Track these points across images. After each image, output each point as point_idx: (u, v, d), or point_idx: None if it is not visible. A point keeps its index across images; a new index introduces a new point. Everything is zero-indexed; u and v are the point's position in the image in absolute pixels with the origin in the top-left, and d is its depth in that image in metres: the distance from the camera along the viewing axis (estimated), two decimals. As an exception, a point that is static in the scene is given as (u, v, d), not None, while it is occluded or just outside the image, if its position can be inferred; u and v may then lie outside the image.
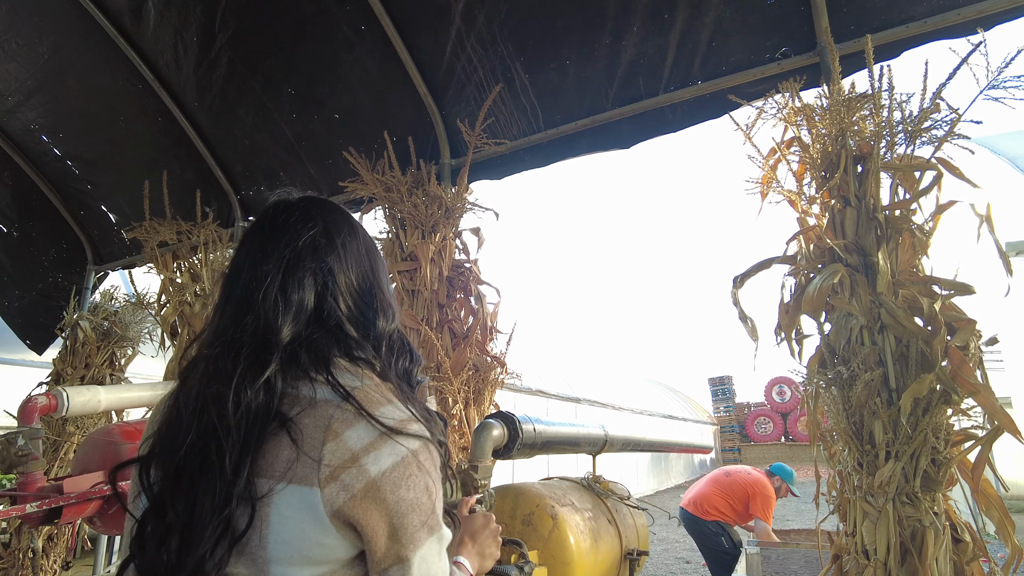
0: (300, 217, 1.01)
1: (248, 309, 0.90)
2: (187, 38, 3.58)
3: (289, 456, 0.80)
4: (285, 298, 0.91)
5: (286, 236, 0.98)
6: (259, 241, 0.99)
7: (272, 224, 1.01)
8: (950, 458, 2.04)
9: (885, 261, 2.19)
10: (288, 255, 0.95)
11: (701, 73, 2.81)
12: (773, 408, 25.92)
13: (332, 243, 1.00)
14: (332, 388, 0.86)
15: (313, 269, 0.96)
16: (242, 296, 0.92)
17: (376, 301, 1.02)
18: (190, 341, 1.06)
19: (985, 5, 2.34)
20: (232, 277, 0.97)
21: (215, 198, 4.24)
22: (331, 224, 1.03)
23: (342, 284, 0.98)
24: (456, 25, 3.07)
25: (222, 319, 0.93)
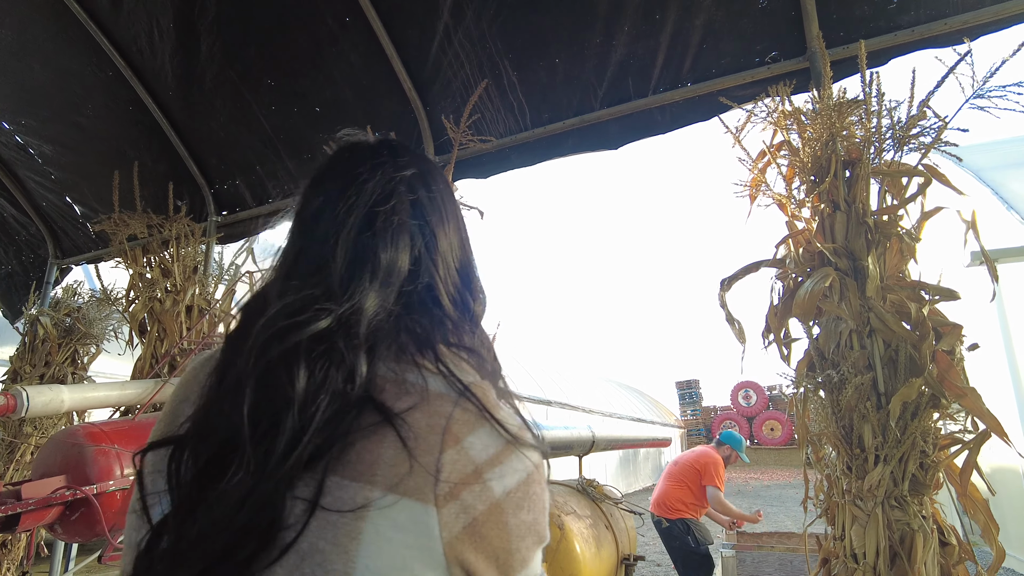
0: (390, 157, 0.81)
1: (325, 268, 0.71)
2: (163, 24, 3.46)
3: (395, 460, 0.61)
4: (375, 255, 0.72)
5: (374, 179, 0.77)
6: (340, 183, 0.78)
7: (354, 163, 0.80)
8: (938, 462, 2.05)
9: (874, 266, 2.21)
10: (378, 202, 0.75)
11: (691, 75, 2.81)
12: (739, 412, 26.36)
13: (432, 195, 0.81)
14: (445, 380, 0.67)
15: (408, 225, 0.76)
16: (317, 251, 0.73)
17: (473, 278, 0.83)
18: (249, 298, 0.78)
19: (970, 16, 2.38)
20: (303, 227, 0.78)
21: (188, 191, 4.10)
22: (426, 172, 0.83)
23: (444, 248, 0.79)
24: (444, 20, 3.02)
25: (288, 279, 0.72)
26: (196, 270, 3.81)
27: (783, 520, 11.86)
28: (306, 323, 0.65)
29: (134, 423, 2.47)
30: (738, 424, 25.99)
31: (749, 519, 5.19)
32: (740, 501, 14.72)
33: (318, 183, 0.82)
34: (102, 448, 2.18)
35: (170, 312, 3.55)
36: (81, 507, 2.09)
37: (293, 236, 0.80)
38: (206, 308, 3.72)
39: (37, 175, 4.65)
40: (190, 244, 3.83)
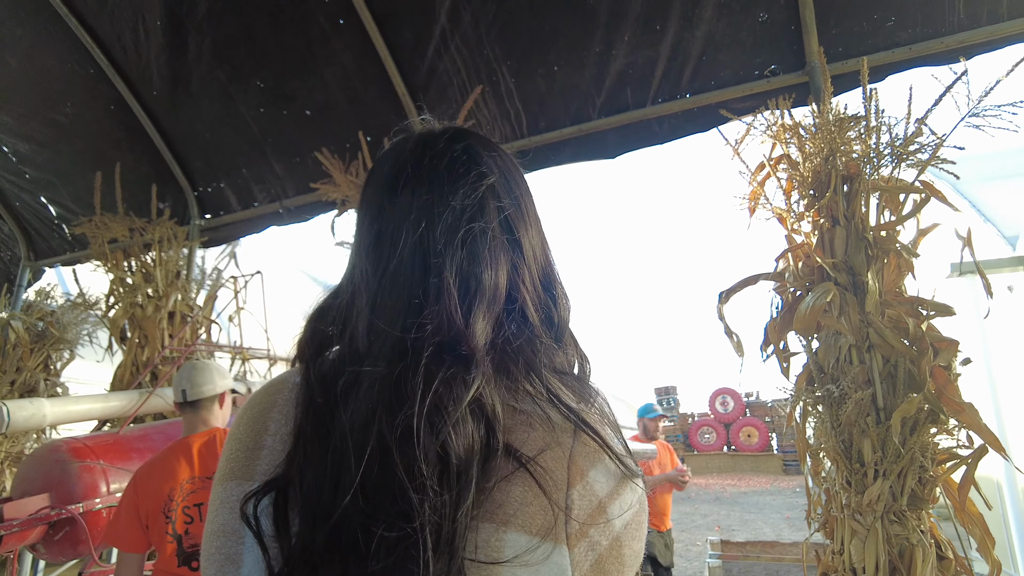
0: (471, 159, 0.72)
1: (423, 295, 0.64)
2: (150, 21, 3.37)
3: (529, 500, 0.57)
4: (475, 281, 0.65)
5: (460, 190, 0.69)
6: (423, 194, 0.69)
7: (433, 166, 0.71)
8: (936, 476, 2.07)
9: (874, 281, 2.22)
10: (471, 216, 0.68)
11: (690, 87, 2.81)
12: (717, 418, 26.49)
13: (516, 200, 0.73)
14: (558, 409, 0.63)
15: (504, 239, 0.70)
16: (408, 277, 0.65)
17: (556, 283, 0.76)
18: (310, 325, 0.73)
19: (965, 36, 2.41)
20: (380, 244, 0.69)
21: (171, 193, 4.00)
22: (508, 174, 0.75)
23: (529, 259, 0.72)
24: (441, 24, 2.98)
25: (380, 312, 0.65)
26: (179, 275, 3.71)
27: (761, 528, 11.94)
28: (428, 376, 0.59)
29: (119, 437, 2.39)
30: (715, 430, 26.20)
31: (674, 482, 4.72)
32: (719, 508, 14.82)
33: (392, 190, 0.71)
34: (87, 464, 2.09)
35: (152, 318, 3.45)
36: (66, 526, 2.01)
37: (370, 259, 0.70)
38: (189, 314, 3.63)
39: (11, 174, 4.51)
40: (173, 248, 3.73)
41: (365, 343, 0.64)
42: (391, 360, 0.61)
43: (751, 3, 2.60)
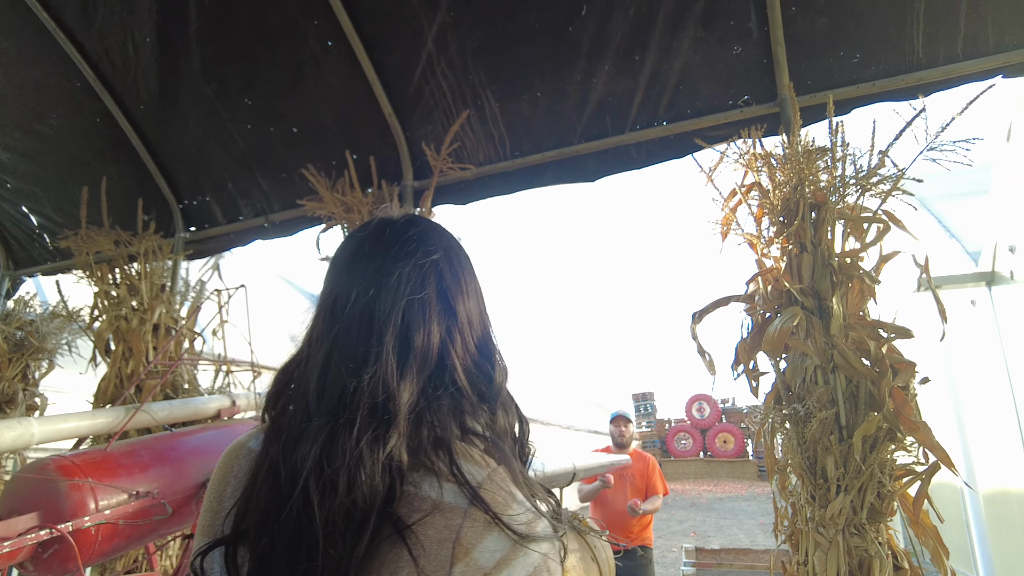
0: (420, 240, 0.85)
1: (362, 362, 0.74)
2: (139, 38, 3.41)
3: (399, 566, 0.65)
4: (409, 346, 0.76)
5: (408, 263, 0.81)
6: (374, 269, 0.81)
7: (387, 244, 0.83)
8: (893, 491, 2.19)
9: (838, 305, 2.35)
10: (412, 288, 0.79)
11: (667, 115, 2.93)
12: (693, 424, 26.88)
13: (456, 275, 0.85)
14: (459, 486, 0.69)
15: (440, 309, 0.81)
16: (354, 339, 0.76)
17: (493, 350, 0.86)
18: (277, 381, 0.85)
19: (924, 74, 2.56)
20: (337, 314, 0.79)
21: (155, 206, 4.03)
22: (452, 252, 0.88)
23: (464, 327, 0.83)
24: (428, 49, 3.07)
25: (327, 371, 0.75)
26: (164, 288, 3.75)
27: (736, 534, 12.15)
28: (359, 436, 0.69)
29: (107, 454, 2.43)
30: (692, 436, 26.50)
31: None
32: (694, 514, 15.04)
33: (349, 263, 0.84)
34: (75, 482, 2.13)
35: (137, 331, 3.48)
36: (55, 545, 2.04)
37: (326, 321, 0.81)
38: (173, 327, 3.66)
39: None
40: (158, 260, 3.76)
41: (315, 400, 0.75)
42: (330, 418, 0.71)
43: (726, 38, 2.73)
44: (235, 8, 3.22)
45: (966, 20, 2.45)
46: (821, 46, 2.65)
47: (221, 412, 3.14)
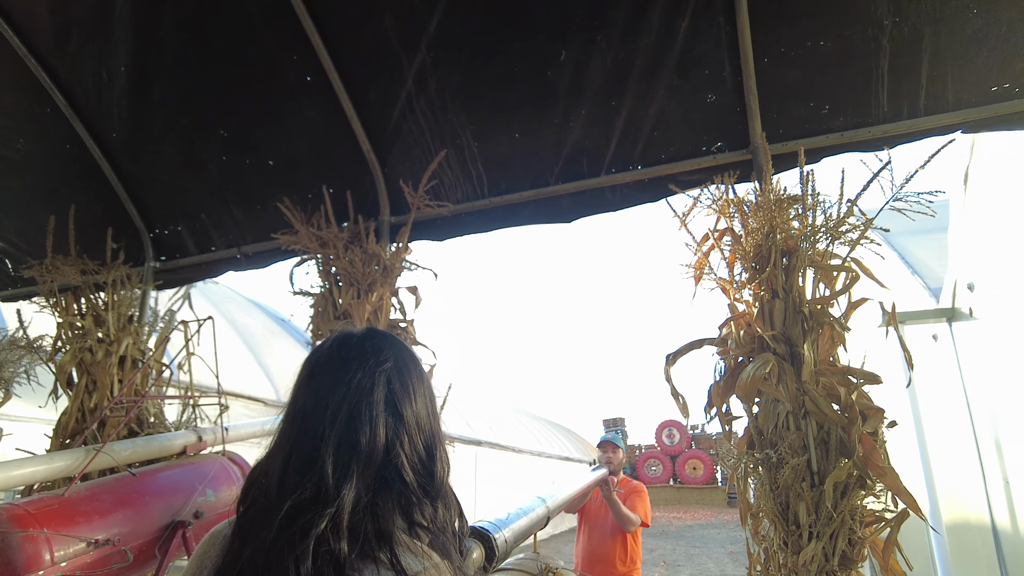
0: (372, 351, 0.97)
1: (311, 462, 0.85)
2: (113, 67, 3.37)
3: None
4: (355, 447, 0.87)
5: (359, 372, 0.93)
6: (330, 378, 0.93)
7: (342, 358, 0.96)
8: (864, 538, 2.22)
9: (809, 352, 2.39)
10: (360, 395, 0.91)
11: (642, 159, 2.98)
12: (663, 451, 26.97)
13: (404, 382, 0.96)
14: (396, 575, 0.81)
15: (387, 411, 0.92)
16: (307, 444, 0.88)
17: (439, 449, 0.97)
18: (248, 479, 0.98)
19: (889, 127, 2.66)
20: (297, 419, 0.92)
21: (125, 235, 3.95)
22: (402, 361, 0.99)
23: (413, 430, 0.94)
24: (407, 88, 3.09)
25: (285, 473, 0.87)
26: (131, 319, 3.66)
27: (706, 563, 12.15)
28: (307, 529, 0.79)
29: (64, 500, 2.34)
30: (662, 463, 26.57)
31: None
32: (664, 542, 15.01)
33: (310, 377, 0.97)
34: (29, 534, 2.05)
35: (102, 363, 3.38)
36: (6, 601, 1.96)
37: (288, 426, 0.94)
38: (140, 359, 3.57)
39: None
40: (126, 289, 3.67)
41: (274, 498, 0.86)
42: (284, 515, 0.82)
43: (700, 86, 2.80)
44: (213, 41, 3.21)
45: (927, 78, 2.55)
46: (792, 97, 2.73)
47: (187, 448, 3.06)
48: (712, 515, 22.09)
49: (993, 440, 4.68)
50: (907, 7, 2.45)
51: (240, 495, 0.94)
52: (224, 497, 2.92)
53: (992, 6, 2.37)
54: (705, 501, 25.11)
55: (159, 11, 3.18)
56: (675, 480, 26.44)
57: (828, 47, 2.59)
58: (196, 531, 2.74)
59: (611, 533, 4.09)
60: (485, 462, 13.96)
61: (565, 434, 26.33)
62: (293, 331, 10.91)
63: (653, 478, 26.37)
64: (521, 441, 17.66)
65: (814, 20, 2.56)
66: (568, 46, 2.82)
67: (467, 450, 13.22)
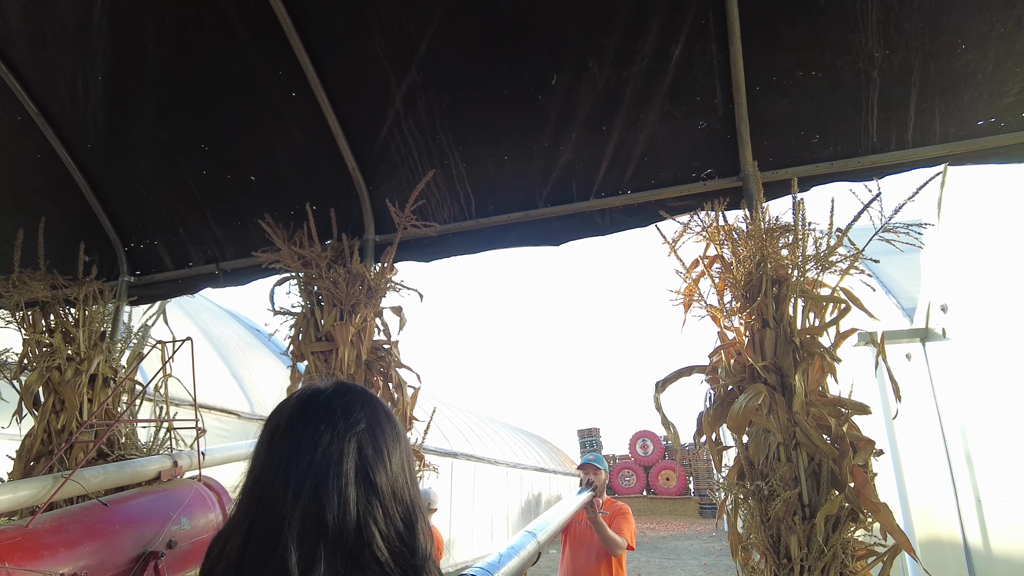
0: (342, 411, 0.86)
1: (272, 546, 0.75)
2: (90, 77, 3.26)
3: None
4: (321, 525, 0.76)
5: (326, 437, 0.82)
6: (295, 442, 0.82)
7: (308, 418, 0.85)
8: (855, 573, 2.21)
9: (800, 382, 2.38)
10: (327, 465, 0.80)
11: (631, 184, 2.96)
12: (637, 461, 27.08)
13: (379, 446, 0.85)
14: None
15: (357, 483, 0.81)
16: (267, 523, 0.77)
17: (419, 520, 0.86)
18: (205, 559, 0.85)
19: (878, 158, 2.68)
20: (257, 488, 0.82)
21: (98, 248, 3.82)
22: (375, 421, 0.88)
23: (388, 501, 0.83)
24: (396, 108, 3.04)
25: (244, 555, 0.77)
26: (103, 335, 3.53)
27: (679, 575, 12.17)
28: None
29: (28, 532, 2.22)
30: (636, 473, 26.65)
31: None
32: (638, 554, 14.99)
33: (269, 441, 0.85)
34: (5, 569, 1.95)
35: (72, 383, 3.25)
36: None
37: (246, 499, 0.82)
38: (112, 378, 3.45)
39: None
40: (99, 304, 3.55)
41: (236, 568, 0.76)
42: None
43: (692, 113, 2.79)
44: (195, 54, 3.13)
45: (916, 110, 2.58)
46: (782, 125, 2.74)
47: (162, 474, 2.95)
48: (685, 526, 22.20)
49: (965, 458, 4.75)
50: (897, 40, 2.47)
51: (201, 567, 0.84)
52: (199, 525, 2.81)
53: (980, 42, 2.40)
54: (678, 512, 25.23)
55: (139, 21, 3.09)
56: (648, 491, 26.54)
57: (819, 77, 2.61)
58: (169, 561, 2.63)
59: (596, 556, 4.02)
60: (461, 474, 13.85)
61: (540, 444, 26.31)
62: (268, 342, 10.72)
63: (627, 488, 26.44)
64: (497, 452, 17.58)
65: (806, 50, 2.58)
66: (560, 71, 2.80)
67: (443, 462, 13.10)
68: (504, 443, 19.96)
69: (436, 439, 13.45)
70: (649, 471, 26.78)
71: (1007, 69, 2.44)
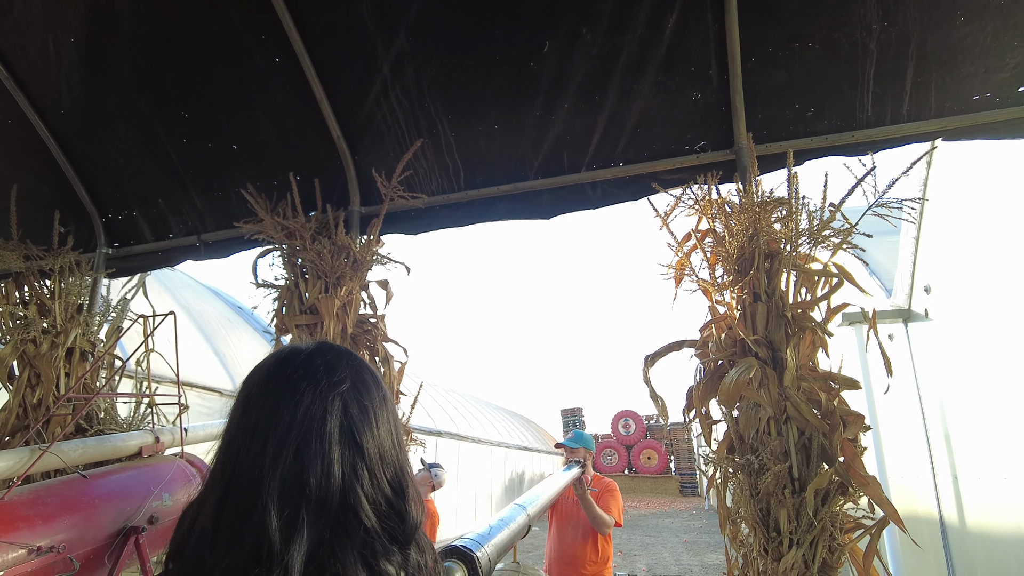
0: (325, 370, 0.80)
1: (249, 511, 0.69)
2: (62, 38, 3.13)
3: None
4: (303, 490, 0.71)
5: (307, 396, 0.76)
6: (272, 402, 0.77)
7: (287, 378, 0.79)
8: (843, 544, 2.22)
9: (791, 356, 2.37)
10: (309, 425, 0.74)
11: (624, 156, 2.91)
12: (619, 440, 27.33)
13: (364, 407, 0.80)
14: None
15: (343, 446, 0.76)
16: (244, 488, 0.72)
17: (407, 484, 0.82)
18: (179, 526, 0.79)
19: (873, 132, 2.65)
20: (231, 452, 0.76)
21: (74, 219, 3.71)
22: (361, 381, 0.83)
23: (375, 464, 0.78)
24: (383, 74, 2.95)
25: (219, 519, 0.71)
26: (81, 308, 3.44)
27: (661, 552, 12.34)
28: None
29: (3, 504, 2.16)
30: (618, 452, 26.91)
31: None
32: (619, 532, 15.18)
33: (246, 402, 0.80)
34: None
35: (47, 356, 3.16)
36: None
37: (220, 464, 0.77)
38: (90, 351, 3.36)
39: None
40: (75, 276, 3.45)
41: (208, 550, 0.70)
42: (223, 572, 0.67)
43: (686, 83, 2.74)
44: (174, 16, 3.00)
45: (912, 84, 2.55)
46: (777, 98, 2.69)
47: (143, 450, 2.89)
48: (666, 504, 22.51)
49: (943, 436, 4.82)
50: (896, 12, 2.43)
51: (170, 549, 0.77)
52: (181, 501, 2.76)
53: (979, 15, 2.37)
54: (659, 490, 25.57)
55: (114, -20, 2.96)
56: (630, 469, 26.83)
57: (816, 49, 2.56)
58: (150, 537, 2.59)
59: (583, 533, 4.00)
60: (445, 452, 13.88)
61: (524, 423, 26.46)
62: (251, 319, 10.59)
63: (609, 467, 26.70)
64: (481, 431, 17.65)
65: (803, 21, 2.53)
66: (552, 37, 2.73)
67: (428, 440, 13.11)
68: (488, 422, 20.03)
69: (420, 418, 13.45)
70: (631, 450, 27.05)
71: (1004, 43, 2.41)
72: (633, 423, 27.55)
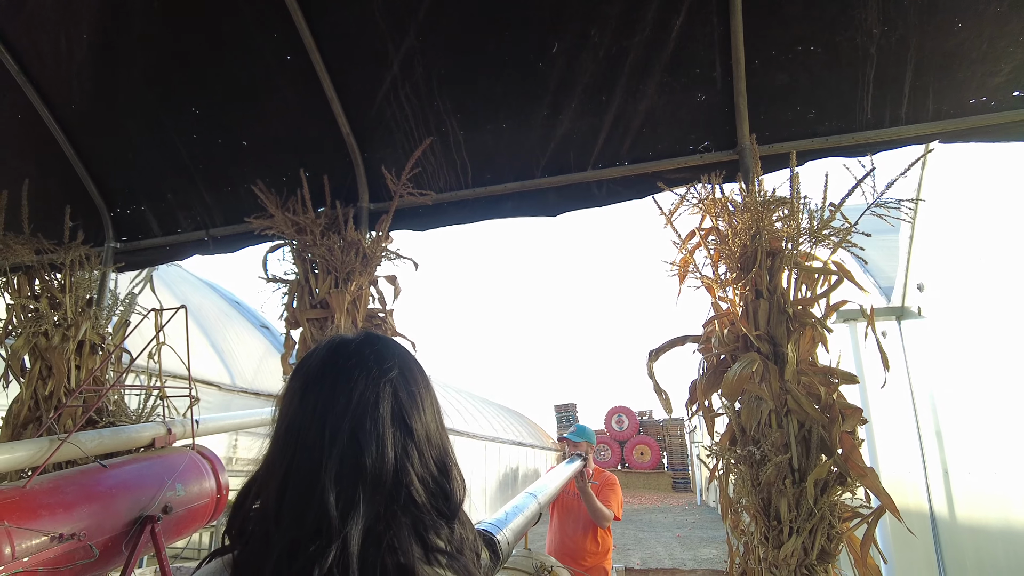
0: (374, 358, 0.86)
1: (310, 490, 0.75)
2: (74, 35, 3.17)
3: None
4: (360, 469, 0.77)
5: (360, 383, 0.82)
6: (328, 390, 0.82)
7: (339, 367, 0.85)
8: (841, 533, 2.30)
9: (792, 351, 2.45)
10: (363, 409, 0.80)
11: (629, 155, 2.98)
12: (612, 436, 27.44)
13: (412, 393, 0.86)
14: None
15: (395, 428, 0.82)
16: (306, 466, 0.77)
17: (451, 465, 0.88)
18: (237, 501, 0.86)
19: (872, 134, 2.72)
20: (291, 436, 0.81)
21: (82, 213, 3.73)
22: (407, 369, 0.89)
23: (424, 445, 0.84)
24: (393, 72, 3.01)
25: (283, 498, 0.77)
26: (90, 302, 3.48)
27: (655, 547, 12.45)
28: (308, 569, 0.71)
29: (25, 493, 2.21)
30: (611, 448, 27.04)
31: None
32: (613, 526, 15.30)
33: (302, 387, 0.85)
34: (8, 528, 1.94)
35: (59, 349, 3.20)
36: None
37: (280, 448, 0.83)
38: (100, 344, 3.40)
39: None
40: (84, 271, 3.48)
41: (273, 525, 0.77)
42: (289, 545, 0.73)
43: (691, 85, 2.81)
44: (185, 14, 3.04)
45: (910, 87, 2.63)
46: (780, 100, 2.76)
47: (156, 441, 2.94)
48: (659, 499, 22.66)
49: (934, 431, 4.92)
50: (896, 17, 2.51)
51: (229, 526, 0.84)
52: (194, 492, 2.82)
53: (976, 21, 2.44)
54: (652, 486, 25.71)
55: (127, -22, 3.00)
56: (623, 465, 26.97)
57: (818, 52, 2.63)
58: (165, 526, 2.64)
59: (583, 526, 4.09)
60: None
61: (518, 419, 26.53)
62: (247, 313, 10.61)
63: (603, 463, 26.84)
64: (476, 426, 17.72)
65: (806, 25, 2.60)
66: (561, 39, 2.79)
67: (422, 436, 13.12)
68: (483, 417, 20.10)
69: (416, 413, 13.46)
70: (624, 446, 27.17)
71: (1000, 49, 2.49)
72: (626, 419, 27.67)
